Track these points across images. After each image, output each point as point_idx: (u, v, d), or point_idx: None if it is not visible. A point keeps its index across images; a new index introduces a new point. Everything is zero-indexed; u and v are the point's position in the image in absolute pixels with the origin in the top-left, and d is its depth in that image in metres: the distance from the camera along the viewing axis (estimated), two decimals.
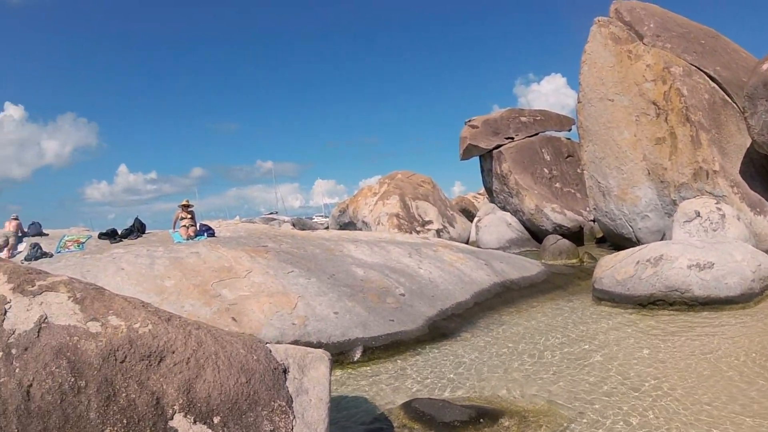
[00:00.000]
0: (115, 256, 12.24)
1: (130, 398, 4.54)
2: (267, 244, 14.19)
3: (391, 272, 13.90)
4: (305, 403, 5.11)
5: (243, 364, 5.02)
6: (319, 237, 17.26)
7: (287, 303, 10.75)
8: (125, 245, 13.65)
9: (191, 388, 4.73)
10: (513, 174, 31.33)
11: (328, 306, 11.00)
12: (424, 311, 12.25)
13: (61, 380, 4.43)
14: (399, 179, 36.84)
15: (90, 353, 4.60)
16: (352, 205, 36.83)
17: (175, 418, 4.59)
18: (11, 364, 4.51)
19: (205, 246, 13.09)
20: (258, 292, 10.99)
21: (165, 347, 4.86)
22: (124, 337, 4.80)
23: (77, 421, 4.33)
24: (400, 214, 32.99)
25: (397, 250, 15.97)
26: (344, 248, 15.31)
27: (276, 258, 12.87)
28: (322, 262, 13.63)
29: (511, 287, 15.78)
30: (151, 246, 13.22)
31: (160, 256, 12.22)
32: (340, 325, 10.57)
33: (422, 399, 7.58)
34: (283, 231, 20.21)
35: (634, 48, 21.98)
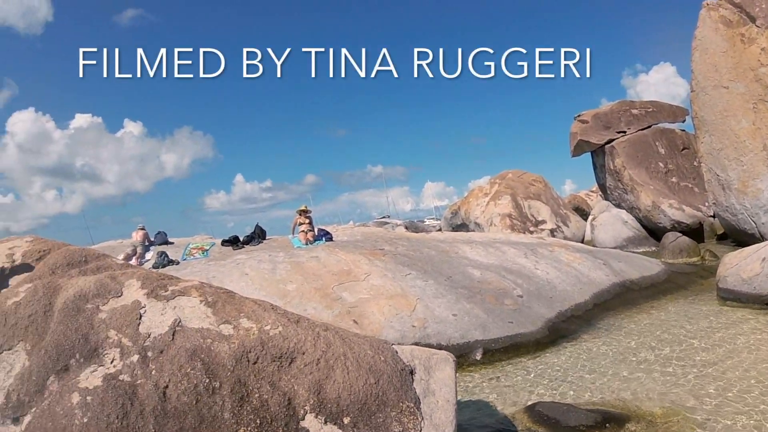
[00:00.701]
0: (239, 262, 12.61)
1: (262, 399, 4.64)
2: (384, 247, 14.29)
3: (507, 273, 13.75)
4: (432, 405, 5.09)
5: (371, 365, 5.05)
6: (433, 239, 17.24)
7: (406, 305, 10.77)
8: (247, 251, 14.04)
9: (321, 388, 4.80)
10: (627, 169, 30.10)
11: (446, 308, 10.96)
12: (542, 313, 12.04)
13: (197, 381, 4.57)
14: (510, 179, 35.92)
15: (223, 355, 4.74)
16: (464, 207, 36.35)
17: (306, 419, 4.66)
18: (147, 366, 4.69)
19: (324, 250, 13.29)
20: (377, 294, 11.06)
21: (295, 348, 4.95)
22: (256, 339, 4.92)
23: (212, 422, 4.46)
24: (513, 214, 32.22)
25: (513, 250, 15.79)
26: (459, 250, 15.24)
27: (393, 261, 12.93)
28: (439, 264, 13.60)
29: (631, 287, 15.26)
30: (273, 251, 13.55)
31: (282, 261, 12.49)
32: (459, 327, 10.50)
33: (546, 402, 7.47)
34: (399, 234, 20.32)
35: (747, 31, 20.83)
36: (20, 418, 4.74)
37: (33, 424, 4.63)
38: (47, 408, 4.66)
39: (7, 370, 5.07)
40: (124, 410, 4.44)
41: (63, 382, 4.81)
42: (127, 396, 4.51)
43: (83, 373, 4.80)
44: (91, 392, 4.59)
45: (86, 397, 4.56)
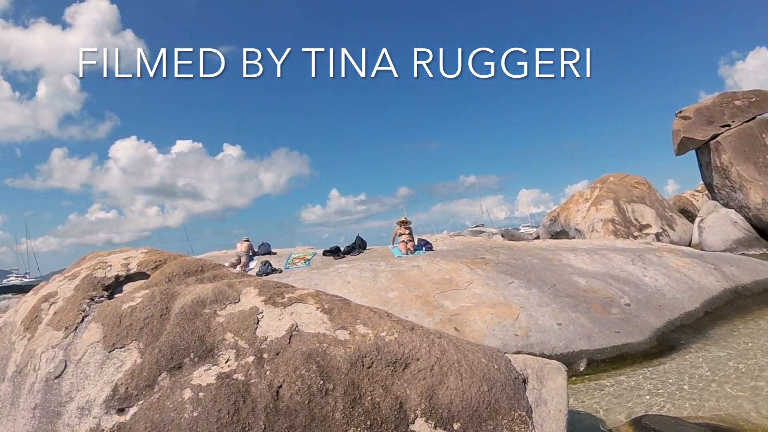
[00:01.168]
0: (341, 271, 12.69)
1: (374, 401, 4.62)
2: (485, 256, 14.11)
3: (614, 281, 13.27)
4: (544, 414, 4.94)
5: (485, 373, 4.95)
6: (536, 247, 16.90)
7: (509, 314, 10.56)
8: (348, 261, 14.13)
9: (434, 394, 4.74)
10: (734, 165, 28.06)
11: (550, 317, 10.68)
12: (651, 322, 11.51)
13: (310, 382, 4.60)
14: (611, 182, 34.50)
15: (338, 359, 4.75)
16: (563, 213, 35.43)
17: (416, 423, 4.62)
18: (262, 367, 4.73)
19: (425, 259, 13.23)
20: (479, 302, 10.90)
21: (410, 354, 4.91)
22: (371, 345, 4.91)
23: (322, 421, 4.47)
24: (615, 219, 30.95)
25: (619, 257, 15.22)
26: (563, 257, 14.87)
27: (495, 269, 12.73)
28: (542, 273, 13.30)
29: (744, 293, 14.38)
30: (373, 261, 13.59)
31: (383, 270, 12.50)
32: (564, 336, 10.21)
33: (653, 416, 7.15)
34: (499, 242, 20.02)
35: None
36: (125, 409, 4.88)
37: (139, 415, 4.77)
38: (156, 401, 4.77)
39: (117, 365, 5.24)
40: (236, 407, 4.51)
41: (175, 378, 4.92)
42: (240, 394, 4.59)
43: (197, 371, 4.90)
44: (203, 389, 4.69)
45: (198, 393, 4.66)
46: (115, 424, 4.83)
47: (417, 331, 5.27)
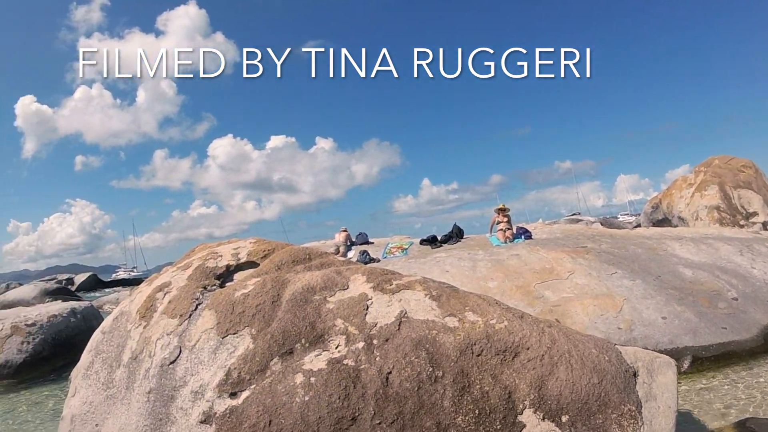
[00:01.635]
0: (439, 260, 12.63)
1: (483, 390, 4.58)
2: (586, 245, 13.77)
3: (721, 273, 12.67)
4: (653, 410, 4.79)
5: (595, 365, 4.84)
6: (639, 235, 16.38)
7: (612, 306, 10.31)
8: (446, 249, 14.06)
9: (543, 384, 4.66)
10: None
11: (655, 310, 10.35)
12: (758, 318, 10.95)
13: (420, 369, 4.60)
14: (716, 165, 32.42)
15: (448, 346, 4.74)
16: (665, 200, 33.82)
17: (524, 414, 4.56)
18: (372, 353, 4.76)
19: (525, 248, 13.01)
20: (581, 293, 10.67)
21: (520, 343, 4.85)
22: (481, 332, 4.87)
23: (431, 408, 4.47)
24: (721, 206, 29.27)
25: (727, 247, 14.48)
26: (668, 247, 14.32)
27: (597, 259, 12.40)
28: (645, 262, 12.87)
29: None
30: (472, 249, 13.45)
31: (482, 259, 12.36)
32: (668, 331, 9.89)
33: (760, 419, 6.92)
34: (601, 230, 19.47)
35: None
36: (238, 393, 5.01)
37: (251, 399, 4.89)
38: (268, 386, 4.87)
39: (230, 351, 5.38)
40: (347, 392, 4.57)
41: (287, 363, 5.01)
42: (350, 379, 4.64)
43: (307, 357, 4.99)
44: (315, 374, 4.76)
45: (310, 378, 4.74)
46: (227, 407, 4.96)
47: (527, 319, 5.21)
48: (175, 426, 5.35)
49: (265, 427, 4.65)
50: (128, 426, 5.91)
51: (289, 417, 4.58)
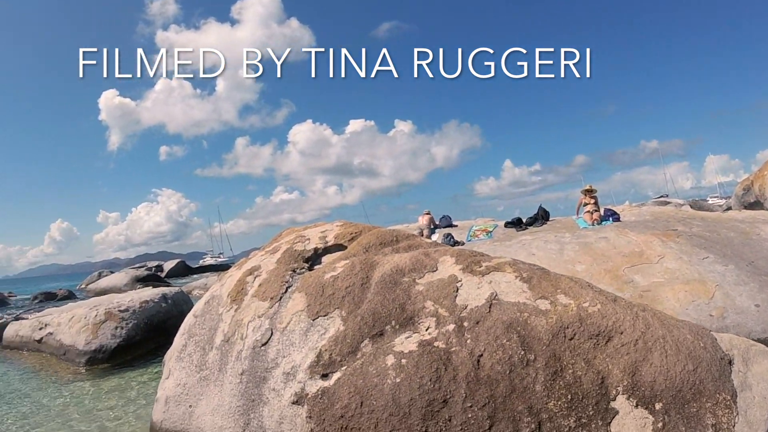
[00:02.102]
0: (524, 243, 12.44)
1: (576, 375, 4.50)
2: (676, 228, 13.35)
3: None
4: (749, 400, 4.61)
5: (690, 351, 4.69)
6: (731, 219, 15.79)
7: (704, 292, 9.98)
8: (531, 232, 13.83)
9: (636, 370, 4.54)
10: None
11: (748, 297, 9.96)
12: None
13: (511, 353, 4.55)
14: None
15: (540, 329, 4.66)
16: (758, 182, 31.86)
17: (617, 400, 4.45)
18: (463, 336, 4.74)
19: (613, 231, 12.65)
20: (672, 278, 10.36)
21: (613, 327, 4.74)
22: (574, 315, 4.78)
23: (523, 392, 4.42)
24: None
25: None
26: (761, 231, 13.74)
27: (689, 242, 12.00)
28: (738, 247, 12.39)
29: None
30: (558, 232, 13.19)
31: (568, 242, 12.12)
32: (762, 319, 9.50)
33: None
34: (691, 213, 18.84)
35: None
36: (329, 374, 5.09)
37: (342, 381, 4.95)
38: (359, 367, 4.91)
39: (321, 333, 5.45)
40: (438, 374, 4.55)
41: (377, 345, 5.04)
42: (442, 361, 4.62)
43: (398, 338, 5.00)
44: (406, 356, 4.77)
45: (401, 359, 4.74)
46: (319, 388, 5.03)
47: (620, 302, 5.08)
48: (267, 406, 5.46)
49: (357, 408, 4.69)
50: (221, 407, 6.06)
51: (381, 398, 4.61)
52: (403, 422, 4.48)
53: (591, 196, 15.05)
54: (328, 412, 4.86)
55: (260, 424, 5.52)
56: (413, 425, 4.45)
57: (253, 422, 5.60)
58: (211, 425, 6.16)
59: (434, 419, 4.42)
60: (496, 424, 4.35)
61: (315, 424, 4.94)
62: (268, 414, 5.45)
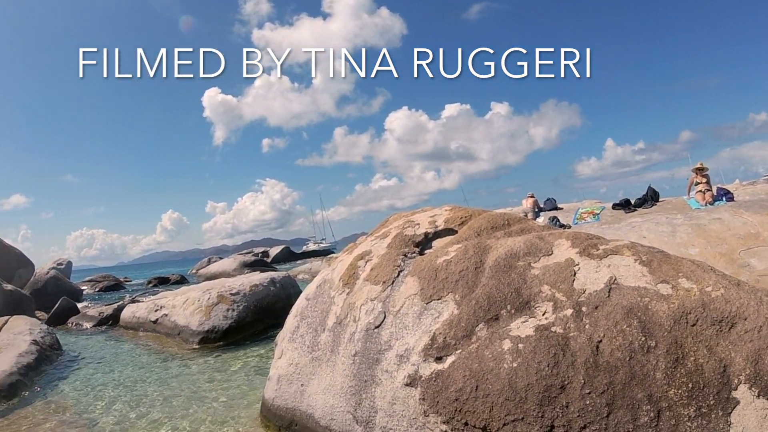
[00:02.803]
0: (634, 225, 12.07)
1: (697, 363, 4.35)
2: None
3: None
4: None
5: None
6: None
7: None
8: (641, 214, 13.42)
9: (760, 359, 4.34)
10: None
11: None
12: None
13: (631, 339, 4.45)
14: None
15: (661, 314, 4.53)
16: None
17: (739, 389, 4.26)
18: (581, 321, 4.67)
19: (727, 211, 12.15)
20: None
21: (737, 313, 4.54)
22: (696, 300, 4.62)
23: (642, 380, 4.31)
24: None
25: None
26: None
27: None
28: None
29: None
30: (669, 213, 12.75)
31: (681, 224, 11.68)
32: None
33: None
34: None
35: None
36: (443, 357, 5.10)
37: (457, 364, 4.96)
38: (475, 351, 4.91)
39: (435, 316, 5.47)
40: (556, 359, 4.50)
41: (492, 329, 5.02)
42: (560, 347, 4.56)
43: (514, 323, 4.96)
44: (522, 340, 4.73)
45: (518, 344, 4.71)
46: (433, 371, 5.06)
47: (743, 287, 4.86)
48: (379, 387, 5.54)
49: (472, 391, 4.70)
50: (333, 386, 6.19)
51: (497, 383, 4.60)
52: (519, 407, 4.46)
53: (702, 174, 14.40)
54: (442, 395, 4.89)
55: (372, 404, 5.62)
56: (529, 410, 4.42)
57: (365, 402, 5.70)
58: (323, 404, 6.31)
59: (551, 405, 4.38)
60: (614, 412, 4.27)
61: (428, 406, 4.98)
62: (381, 395, 5.53)
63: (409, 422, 5.15)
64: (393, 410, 5.32)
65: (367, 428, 5.62)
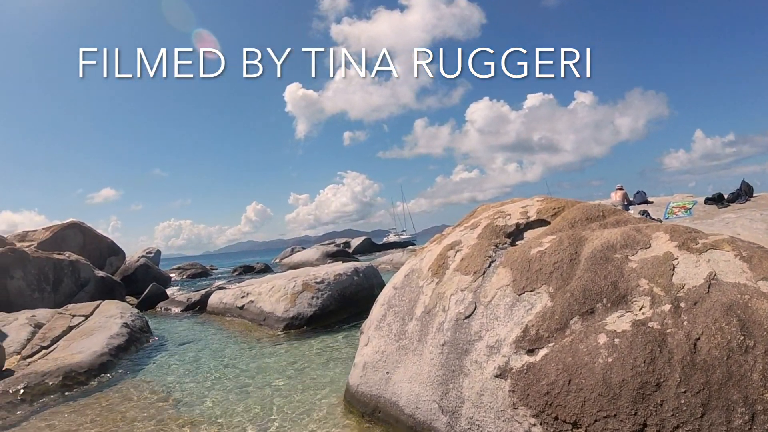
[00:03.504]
0: (728, 221, 11.67)
1: None
2: None
3: None
4: None
5: None
6: None
7: None
8: (734, 209, 12.99)
9: None
10: None
11: None
12: None
13: (730, 337, 4.32)
14: None
15: (761, 313, 4.39)
16: None
17: None
18: (679, 317, 4.56)
19: None
20: None
21: None
22: None
23: (739, 380, 4.18)
24: None
25: None
26: None
27: None
28: None
29: None
30: (764, 209, 12.29)
31: None
32: None
33: None
34: None
35: None
36: (535, 350, 5.07)
37: (549, 357, 4.92)
38: (568, 344, 4.85)
39: (527, 308, 5.43)
40: (652, 356, 4.40)
41: (587, 323, 4.95)
42: (656, 343, 4.46)
43: (609, 317, 4.88)
44: (618, 335, 4.65)
45: (614, 339, 4.63)
46: (524, 363, 5.02)
47: None
48: (468, 378, 5.53)
49: (564, 385, 4.65)
50: (420, 375, 6.21)
51: (590, 377, 4.54)
52: (612, 403, 4.39)
53: None
54: (533, 388, 4.86)
55: (459, 394, 5.62)
56: (622, 407, 4.35)
57: (452, 392, 5.71)
58: (408, 392, 6.33)
59: (645, 402, 4.30)
60: (708, 413, 4.15)
61: (518, 399, 4.95)
62: (468, 385, 5.52)
63: (496, 414, 5.14)
64: (481, 401, 5.32)
65: (453, 418, 5.63)
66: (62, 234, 30.03)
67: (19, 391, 9.31)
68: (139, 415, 8.30)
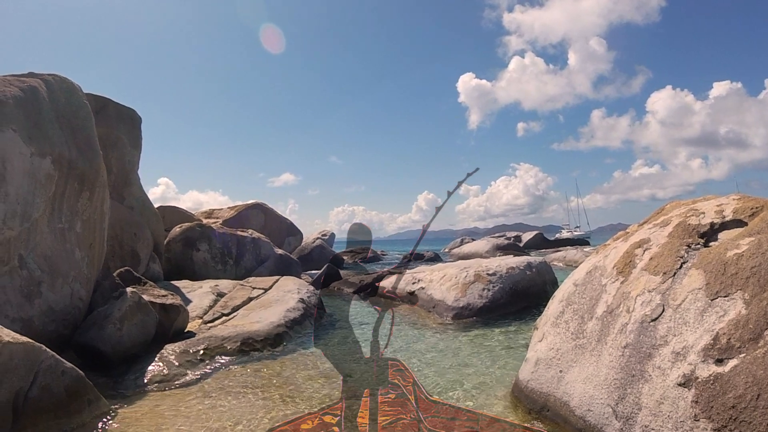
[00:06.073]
0: None
1: None
2: None
3: None
4: None
5: None
6: None
7: None
8: None
9: None
10: None
11: None
12: None
13: None
14: None
15: None
16: None
17: None
18: None
19: None
20: None
21: None
22: None
23: None
24: None
25: None
26: None
27: None
28: None
29: None
30: None
31: None
32: None
33: None
34: None
35: None
36: (724, 360, 4.75)
37: (739, 368, 4.59)
38: (761, 356, 4.53)
39: (720, 314, 5.12)
40: None
41: None
42: None
43: None
44: None
45: None
46: (711, 373, 4.75)
47: None
48: (648, 384, 5.31)
49: (752, 399, 4.37)
50: (596, 376, 6.02)
51: None
52: None
53: None
54: (718, 400, 4.59)
55: (636, 400, 5.40)
56: None
57: (629, 397, 5.49)
58: (581, 393, 6.17)
59: None
60: None
61: (700, 410, 4.70)
62: (648, 392, 5.30)
63: (674, 424, 4.90)
64: (659, 410, 5.09)
65: (627, 425, 5.42)
66: (246, 213, 31.99)
67: (199, 351, 10.11)
68: (310, 385, 8.71)
